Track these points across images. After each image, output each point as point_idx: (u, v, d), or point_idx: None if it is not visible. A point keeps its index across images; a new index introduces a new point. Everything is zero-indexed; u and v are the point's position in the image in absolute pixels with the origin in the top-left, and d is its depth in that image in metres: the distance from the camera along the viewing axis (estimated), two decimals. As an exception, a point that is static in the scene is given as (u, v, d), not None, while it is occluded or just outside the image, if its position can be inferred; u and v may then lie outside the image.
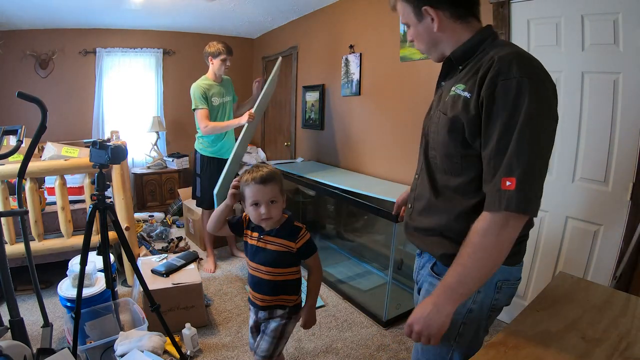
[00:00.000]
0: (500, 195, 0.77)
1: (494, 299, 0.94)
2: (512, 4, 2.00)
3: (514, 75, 0.76)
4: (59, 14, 3.53)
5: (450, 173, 0.91)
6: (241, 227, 1.43)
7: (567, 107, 1.86)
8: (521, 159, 0.75)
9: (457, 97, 0.86)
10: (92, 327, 1.84)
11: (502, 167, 0.77)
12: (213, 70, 2.79)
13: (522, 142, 0.75)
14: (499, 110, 0.77)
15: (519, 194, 0.75)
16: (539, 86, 0.77)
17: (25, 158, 1.58)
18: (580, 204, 1.86)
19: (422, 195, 0.99)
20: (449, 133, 0.88)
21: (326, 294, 2.59)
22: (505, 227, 0.78)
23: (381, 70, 2.86)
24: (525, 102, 0.75)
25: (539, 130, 0.77)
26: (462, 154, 0.87)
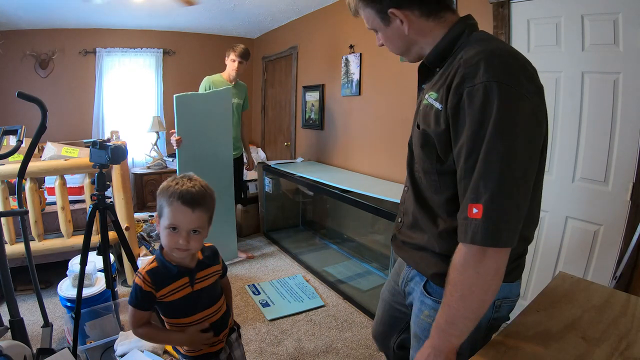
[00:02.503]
0: (467, 224, 0.68)
1: (492, 318, 0.87)
2: (512, 4, 2.00)
3: (480, 79, 0.66)
4: (59, 14, 3.54)
5: (431, 189, 0.84)
6: (152, 299, 1.03)
7: (567, 107, 1.86)
8: (489, 182, 0.65)
9: (430, 107, 0.78)
10: (92, 327, 1.84)
11: (468, 192, 0.68)
12: (227, 71, 2.91)
13: (490, 161, 0.65)
14: (465, 124, 0.67)
15: (485, 223, 0.65)
16: (512, 89, 0.65)
17: (25, 158, 1.58)
18: (580, 204, 1.86)
19: (409, 210, 0.94)
20: (422, 148, 0.80)
21: (326, 294, 2.59)
22: (483, 260, 0.68)
23: (381, 70, 2.86)
24: (493, 111, 0.64)
25: (512, 143, 0.65)
26: (438, 170, 0.79)
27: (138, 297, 1.02)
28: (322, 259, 3.14)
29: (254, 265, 3.06)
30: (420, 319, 0.93)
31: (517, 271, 0.89)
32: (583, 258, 1.86)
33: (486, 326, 0.88)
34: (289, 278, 2.80)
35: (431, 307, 0.90)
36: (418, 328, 0.94)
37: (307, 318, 2.29)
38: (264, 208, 3.71)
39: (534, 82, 0.71)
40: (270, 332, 2.14)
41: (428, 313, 0.91)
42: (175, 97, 2.53)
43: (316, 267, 2.94)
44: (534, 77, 0.72)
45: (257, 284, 2.70)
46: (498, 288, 0.72)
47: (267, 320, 2.25)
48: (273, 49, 4.51)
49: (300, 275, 2.86)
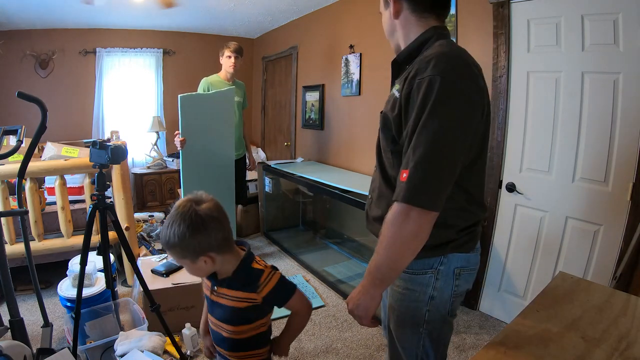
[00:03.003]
0: (398, 186, 0.81)
1: (455, 285, 0.97)
2: (512, 4, 2.00)
3: (427, 73, 0.79)
4: (59, 14, 3.54)
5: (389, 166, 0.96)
6: None
7: (567, 107, 1.86)
8: (417, 152, 0.77)
9: (392, 96, 0.91)
10: (92, 327, 1.84)
11: (406, 159, 0.81)
12: (224, 69, 2.90)
13: (421, 136, 0.77)
14: (412, 109, 0.81)
15: (407, 185, 0.78)
16: (450, 83, 0.78)
17: (25, 158, 1.58)
18: (580, 204, 1.86)
19: (376, 185, 1.03)
20: (382, 130, 0.94)
21: (326, 294, 2.59)
22: (407, 220, 0.79)
23: (381, 70, 2.86)
24: (431, 98, 0.77)
25: (442, 123, 0.77)
26: (392, 149, 0.92)
27: None
28: (322, 259, 3.14)
29: (254, 265, 3.05)
30: (393, 290, 1.02)
31: (471, 243, 0.97)
32: (583, 258, 1.86)
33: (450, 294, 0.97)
34: (289, 278, 2.80)
35: (400, 277, 0.98)
36: (392, 299, 1.03)
37: (307, 318, 2.29)
38: (264, 208, 3.71)
39: (475, 82, 0.84)
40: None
41: (399, 284, 1.00)
42: (180, 97, 2.50)
43: (316, 267, 2.94)
44: (476, 77, 0.85)
45: (257, 284, 2.70)
46: (417, 249, 0.82)
47: (267, 320, 2.25)
48: (273, 49, 4.51)
49: (300, 275, 2.86)
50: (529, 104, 1.99)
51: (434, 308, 0.97)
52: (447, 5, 0.96)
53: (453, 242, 0.93)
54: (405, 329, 1.02)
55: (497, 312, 2.25)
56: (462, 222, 0.94)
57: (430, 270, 0.95)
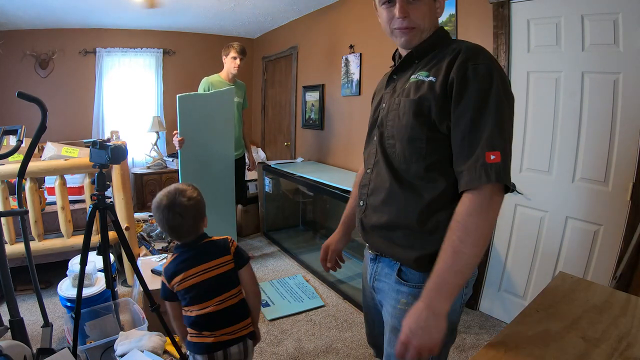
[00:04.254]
0: (486, 168, 0.77)
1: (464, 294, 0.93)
2: (512, 4, 2.00)
3: (482, 61, 0.81)
4: (59, 14, 3.54)
5: (412, 159, 0.87)
6: None
7: (567, 107, 1.86)
8: (501, 135, 0.78)
9: (421, 82, 0.87)
10: (92, 327, 1.84)
11: (482, 142, 0.78)
12: (226, 70, 2.90)
13: (499, 119, 0.78)
14: (472, 91, 0.79)
15: (505, 166, 0.77)
16: (502, 74, 0.83)
17: (25, 158, 1.58)
18: (580, 204, 1.86)
19: (380, 187, 0.93)
20: (415, 115, 0.86)
21: (326, 294, 2.59)
22: (492, 203, 0.77)
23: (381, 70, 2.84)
24: (494, 85, 0.79)
25: (507, 111, 0.81)
26: (427, 137, 0.85)
27: None
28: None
29: (254, 265, 3.06)
30: (397, 309, 0.92)
31: None
32: (583, 258, 1.86)
33: (461, 302, 0.93)
34: (289, 278, 2.80)
35: (408, 294, 0.90)
36: (396, 320, 0.92)
37: (307, 318, 2.29)
38: (264, 208, 3.71)
39: None
40: (270, 332, 2.14)
41: (405, 301, 0.90)
42: (178, 97, 2.51)
43: (316, 267, 2.94)
44: None
45: (257, 284, 2.70)
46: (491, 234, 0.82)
47: (267, 320, 2.25)
48: (273, 49, 4.51)
49: (300, 275, 2.86)
50: (529, 104, 1.99)
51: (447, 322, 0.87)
52: None
53: None
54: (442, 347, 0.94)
55: (497, 312, 2.25)
56: None
57: None
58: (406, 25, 0.89)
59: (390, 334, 0.96)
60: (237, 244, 1.31)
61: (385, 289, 0.97)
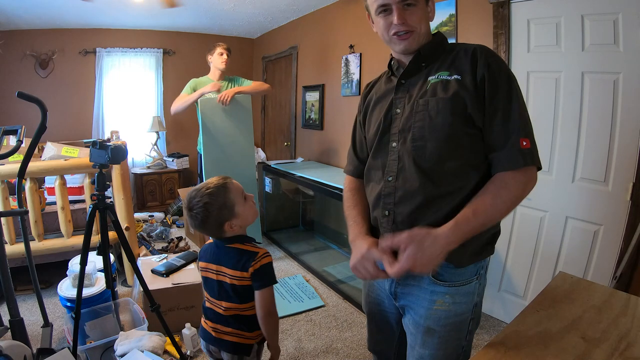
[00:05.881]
0: (523, 153, 0.85)
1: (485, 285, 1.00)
2: (512, 4, 2.00)
3: (499, 59, 0.90)
4: (59, 14, 3.54)
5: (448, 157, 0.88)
6: None
7: (567, 107, 1.86)
8: (528, 123, 0.87)
9: (446, 81, 0.90)
10: (92, 327, 1.84)
11: (516, 130, 0.85)
12: (214, 67, 2.90)
13: (523, 109, 0.88)
14: (501, 83, 0.87)
15: (534, 150, 0.86)
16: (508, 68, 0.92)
17: (25, 158, 1.58)
18: (580, 204, 1.86)
19: (412, 192, 0.91)
20: (452, 113, 0.87)
21: (326, 294, 2.59)
22: (531, 179, 0.87)
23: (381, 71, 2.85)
24: (512, 77, 0.88)
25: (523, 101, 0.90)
26: (465, 132, 0.88)
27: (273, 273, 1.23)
28: (322, 259, 3.14)
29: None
30: (433, 310, 0.92)
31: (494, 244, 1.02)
32: (583, 258, 1.86)
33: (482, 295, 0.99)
34: (289, 278, 2.80)
35: (445, 293, 0.91)
36: (431, 321, 0.93)
37: (307, 318, 2.29)
38: (264, 208, 3.71)
39: None
40: (270, 332, 2.14)
41: (442, 301, 0.92)
42: (200, 100, 2.72)
43: (316, 267, 2.94)
44: None
45: (257, 284, 2.70)
46: None
47: (267, 320, 2.25)
48: (273, 49, 4.51)
49: (300, 275, 2.86)
50: (528, 104, 1.96)
51: (476, 316, 0.97)
52: None
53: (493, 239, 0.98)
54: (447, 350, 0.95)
55: (497, 312, 2.25)
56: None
57: (475, 276, 0.94)
58: (405, 30, 0.91)
59: (424, 335, 0.95)
60: (265, 262, 1.19)
61: (415, 292, 0.96)
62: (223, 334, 1.22)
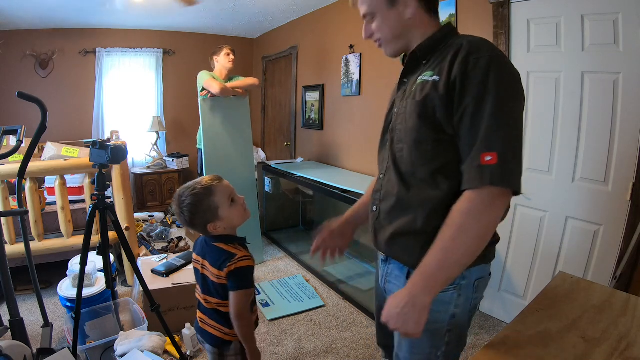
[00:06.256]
0: (481, 170, 0.74)
1: (473, 298, 0.91)
2: (512, 4, 2.00)
3: (484, 54, 0.77)
4: (59, 14, 3.53)
5: (418, 163, 0.86)
6: None
7: (567, 107, 1.86)
8: (500, 133, 0.74)
9: (426, 82, 0.85)
10: (92, 327, 1.84)
11: (479, 142, 0.75)
12: (221, 67, 2.96)
13: (498, 116, 0.74)
14: (472, 86, 0.76)
15: (502, 167, 0.73)
16: (508, 65, 0.79)
17: (25, 158, 1.58)
18: (580, 204, 1.86)
19: (390, 192, 0.93)
20: (420, 117, 0.84)
21: (326, 294, 2.59)
22: (492, 205, 0.75)
23: (381, 70, 2.86)
24: (496, 78, 0.75)
25: (511, 104, 0.77)
26: (434, 139, 0.83)
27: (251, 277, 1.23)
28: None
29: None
30: None
31: (493, 252, 0.94)
32: (583, 258, 1.86)
33: (469, 308, 0.91)
34: (289, 278, 2.80)
35: None
36: None
37: (307, 318, 2.29)
38: (264, 208, 3.71)
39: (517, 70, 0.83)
40: (270, 332, 2.14)
41: None
42: (200, 100, 2.82)
43: (316, 267, 2.94)
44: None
45: (257, 284, 2.70)
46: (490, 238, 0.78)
47: (267, 320, 2.25)
48: (273, 49, 4.51)
49: (300, 275, 2.86)
50: (529, 104, 1.99)
51: (454, 327, 0.90)
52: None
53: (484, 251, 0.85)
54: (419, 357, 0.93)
55: (497, 312, 2.25)
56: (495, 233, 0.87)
57: (452, 287, 0.87)
58: (375, 40, 0.94)
59: (399, 336, 0.97)
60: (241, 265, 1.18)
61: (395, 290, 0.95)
62: (206, 325, 1.26)
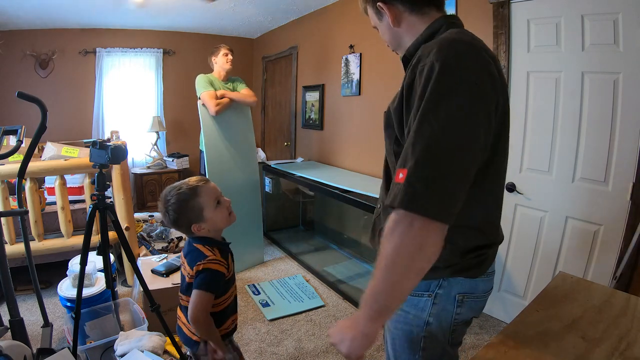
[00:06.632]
0: (392, 188, 0.66)
1: (455, 313, 0.84)
2: (512, 4, 2.00)
3: (430, 59, 0.69)
4: (59, 14, 3.54)
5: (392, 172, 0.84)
6: None
7: (567, 107, 1.86)
8: (417, 148, 0.65)
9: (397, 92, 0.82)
10: (92, 327, 1.84)
11: (402, 157, 0.67)
12: (219, 68, 2.91)
13: (422, 129, 0.65)
14: (414, 99, 0.70)
15: (406, 188, 0.63)
16: (453, 69, 0.67)
17: (25, 158, 1.58)
18: (580, 204, 1.86)
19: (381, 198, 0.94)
20: (385, 128, 0.83)
21: (326, 294, 2.59)
22: (408, 229, 0.64)
23: (381, 70, 2.86)
24: (429, 87, 0.66)
25: (447, 115, 0.65)
26: (395, 151, 0.80)
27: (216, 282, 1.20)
28: (322, 259, 3.14)
29: (254, 266, 3.06)
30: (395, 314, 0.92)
31: (478, 269, 0.84)
32: (583, 258, 1.86)
33: (450, 322, 0.84)
34: (289, 278, 2.80)
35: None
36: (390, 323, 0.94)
37: (307, 318, 2.29)
38: (264, 208, 3.71)
39: (486, 70, 0.71)
40: (270, 332, 2.14)
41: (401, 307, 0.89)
42: (199, 104, 2.76)
43: (316, 267, 2.94)
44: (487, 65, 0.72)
45: (257, 284, 2.70)
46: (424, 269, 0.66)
47: (267, 320, 2.25)
48: (273, 49, 4.51)
49: (300, 275, 2.86)
50: (529, 104, 1.99)
51: (430, 335, 0.85)
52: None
53: (455, 265, 0.81)
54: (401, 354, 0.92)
55: (497, 312, 2.25)
56: (465, 242, 0.80)
57: (427, 293, 0.83)
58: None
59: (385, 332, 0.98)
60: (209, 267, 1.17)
61: None
62: (180, 322, 1.30)
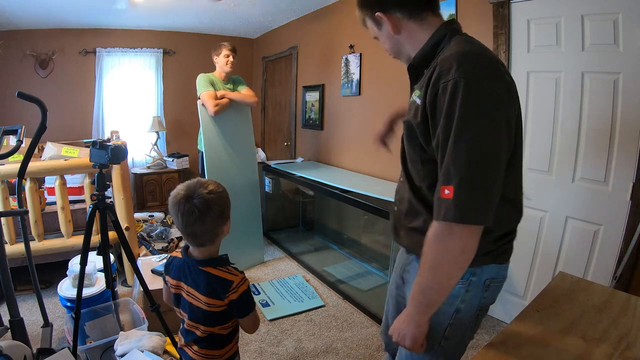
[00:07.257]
0: (439, 204, 0.75)
1: (482, 297, 0.91)
2: (512, 4, 2.00)
3: (451, 77, 0.74)
4: (59, 14, 3.54)
5: (417, 177, 0.91)
6: None
7: (567, 107, 1.86)
8: (458, 166, 0.72)
9: (413, 103, 0.87)
10: (92, 327, 1.84)
11: (441, 175, 0.76)
12: (219, 69, 2.91)
13: (458, 148, 0.72)
14: (440, 115, 0.75)
15: (456, 203, 0.72)
16: (476, 85, 0.73)
17: (25, 158, 1.58)
18: (580, 204, 1.86)
19: (404, 197, 0.98)
20: (407, 139, 0.90)
21: (326, 294, 2.59)
22: (451, 236, 0.75)
23: (381, 70, 2.86)
24: (458, 105, 0.72)
25: (477, 131, 0.72)
26: (421, 159, 0.87)
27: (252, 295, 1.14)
28: (322, 259, 3.14)
29: (253, 266, 3.06)
30: None
31: (506, 254, 0.93)
32: (583, 258, 1.86)
33: (477, 306, 0.92)
34: (289, 278, 2.80)
35: None
36: None
37: (307, 318, 2.29)
38: (264, 208, 3.71)
39: (502, 79, 0.78)
40: (270, 332, 2.14)
41: None
42: (199, 104, 2.74)
43: (316, 267, 2.94)
44: (502, 75, 0.79)
45: (257, 284, 2.70)
46: (465, 266, 0.77)
47: (267, 320, 2.25)
48: (273, 49, 4.51)
49: (300, 275, 2.86)
50: (529, 104, 1.99)
51: (457, 322, 0.91)
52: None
53: (491, 252, 0.87)
54: None
55: (497, 312, 2.25)
56: (499, 229, 0.87)
57: (462, 281, 0.88)
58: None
59: None
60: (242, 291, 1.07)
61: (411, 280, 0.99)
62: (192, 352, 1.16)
